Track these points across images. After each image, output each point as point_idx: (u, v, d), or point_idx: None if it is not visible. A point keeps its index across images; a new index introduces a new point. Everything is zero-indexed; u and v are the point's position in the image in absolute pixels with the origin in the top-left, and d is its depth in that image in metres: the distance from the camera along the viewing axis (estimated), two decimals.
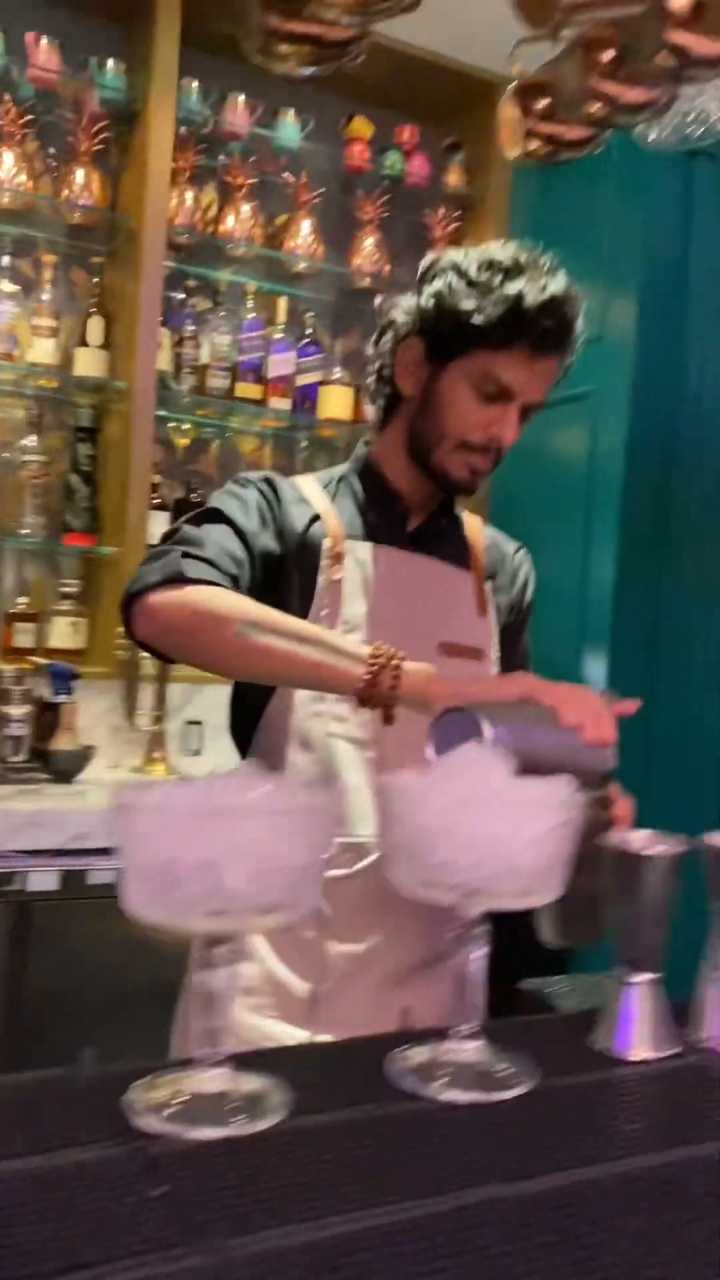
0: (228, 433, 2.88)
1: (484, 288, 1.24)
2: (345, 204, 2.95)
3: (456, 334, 1.25)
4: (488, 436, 1.27)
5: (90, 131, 2.62)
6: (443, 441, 1.29)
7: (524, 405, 1.27)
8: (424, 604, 1.32)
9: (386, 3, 1.20)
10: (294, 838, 0.60)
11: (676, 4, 1.19)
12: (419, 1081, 0.71)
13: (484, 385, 1.25)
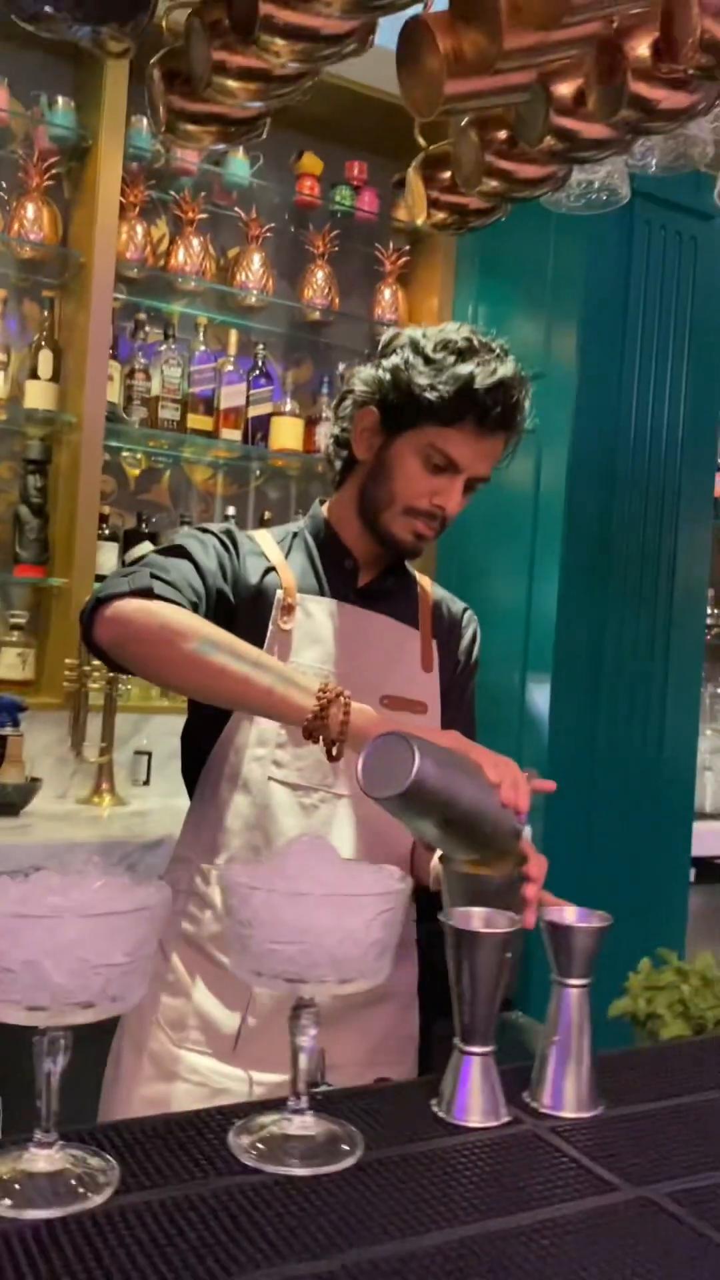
0: (180, 463, 2.93)
1: (438, 366, 1.33)
2: (296, 238, 3.01)
3: (409, 407, 1.34)
4: (432, 505, 1.35)
5: (41, 168, 2.67)
6: (390, 505, 1.37)
7: (469, 478, 1.36)
8: (369, 657, 1.39)
9: (284, 89, 1.26)
10: (114, 938, 0.65)
11: (560, 91, 1.25)
12: (255, 1156, 0.76)
13: (432, 457, 1.34)
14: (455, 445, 1.34)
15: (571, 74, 1.24)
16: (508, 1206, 0.73)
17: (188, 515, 2.88)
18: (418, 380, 1.33)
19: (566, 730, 2.68)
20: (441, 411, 1.33)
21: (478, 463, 1.36)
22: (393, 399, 1.36)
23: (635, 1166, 0.79)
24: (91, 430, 2.62)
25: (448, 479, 1.35)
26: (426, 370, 1.34)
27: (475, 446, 1.35)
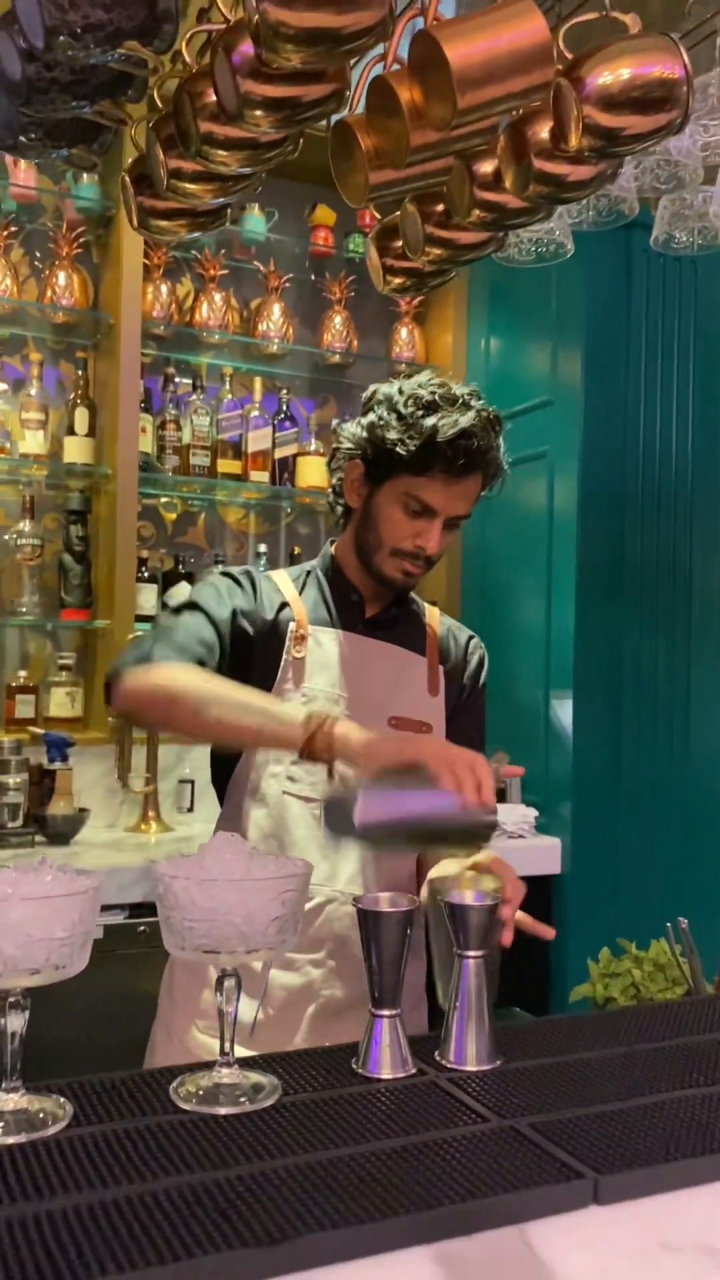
0: (214, 505, 3.15)
1: (407, 421, 1.47)
2: (314, 286, 3.22)
3: (386, 460, 1.49)
4: (414, 546, 1.50)
5: (70, 237, 2.93)
6: (379, 549, 1.52)
7: (448, 518, 1.50)
8: (377, 682, 1.54)
9: (238, 186, 1.46)
10: (54, 917, 0.84)
11: (481, 170, 1.43)
12: (188, 1100, 0.93)
13: (410, 504, 1.48)
14: (429, 492, 1.48)
15: (489, 155, 1.42)
16: (392, 1133, 0.89)
17: (222, 555, 3.10)
18: (390, 435, 1.47)
19: (591, 744, 2.81)
20: (413, 463, 1.46)
21: (452, 505, 1.49)
22: (371, 453, 1.51)
23: (509, 1105, 0.94)
24: (126, 480, 2.86)
25: (426, 522, 1.49)
26: (398, 426, 1.47)
27: (448, 491, 1.48)
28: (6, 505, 2.92)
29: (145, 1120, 0.91)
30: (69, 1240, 0.72)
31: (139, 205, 1.51)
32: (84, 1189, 0.79)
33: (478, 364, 3.20)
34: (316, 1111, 0.93)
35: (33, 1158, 0.84)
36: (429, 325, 3.31)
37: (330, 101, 1.24)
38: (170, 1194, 0.78)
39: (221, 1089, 0.95)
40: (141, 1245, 0.72)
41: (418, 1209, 0.78)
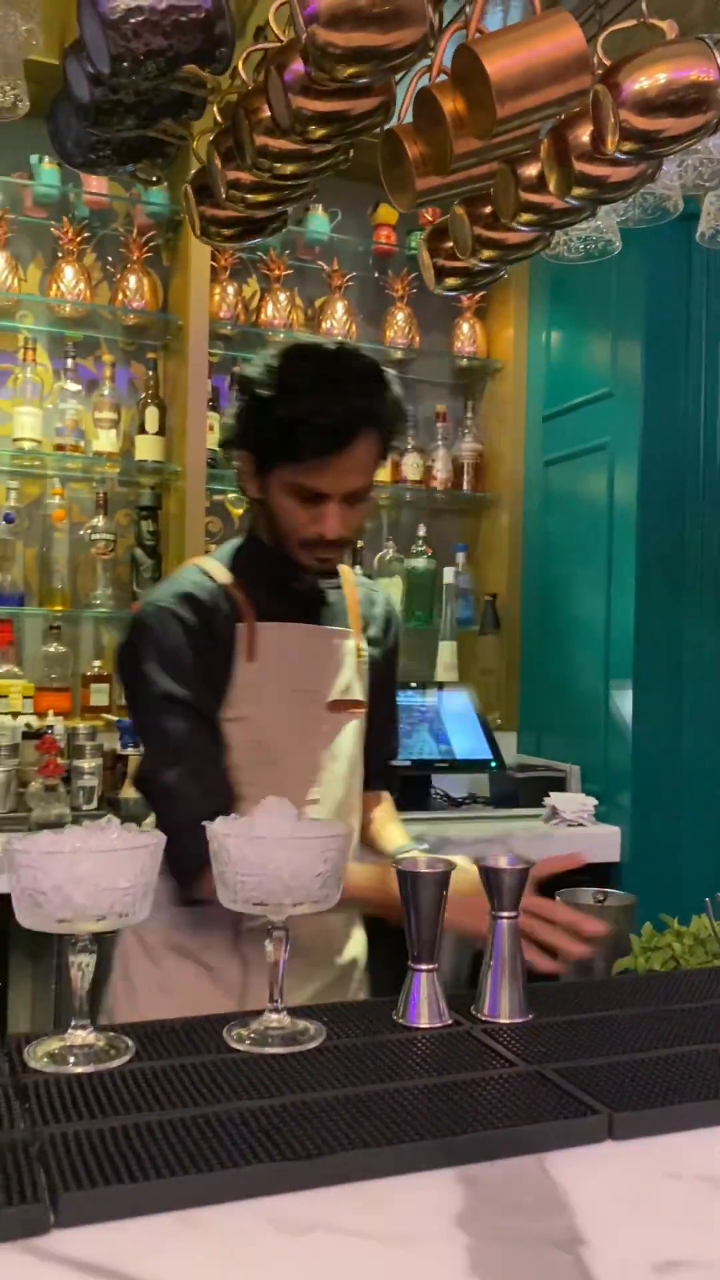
0: None
1: (261, 410, 1.38)
2: (376, 284, 3.30)
3: (261, 451, 1.40)
4: (315, 534, 1.42)
5: (140, 242, 3.05)
6: (286, 542, 1.45)
7: (345, 496, 1.40)
8: (314, 670, 1.53)
9: (295, 193, 1.55)
10: (119, 868, 0.94)
11: (526, 173, 1.50)
12: (241, 1042, 1.03)
13: (298, 492, 1.40)
14: (311, 477, 1.38)
15: (533, 158, 1.48)
16: (425, 1074, 0.97)
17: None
18: (249, 428, 1.40)
19: (650, 734, 2.85)
20: (284, 452, 1.37)
21: (342, 482, 1.39)
22: (244, 444, 1.43)
23: (536, 1052, 1.02)
24: (195, 477, 2.97)
25: (320, 507, 1.40)
26: (255, 415, 1.39)
27: (332, 471, 1.37)
28: (81, 502, 3.06)
29: (200, 1058, 1.00)
30: (129, 1150, 0.81)
31: (201, 215, 1.61)
32: (144, 1110, 0.89)
33: (539, 357, 3.25)
34: (357, 1054, 1.02)
35: (99, 1085, 0.94)
36: (490, 320, 3.38)
37: (377, 114, 1.32)
38: (221, 1117, 0.88)
39: (270, 1032, 1.03)
40: (193, 1156, 0.81)
41: (445, 1135, 0.86)
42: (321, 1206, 0.79)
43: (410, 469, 3.23)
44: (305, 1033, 1.04)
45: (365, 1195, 0.81)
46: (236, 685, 1.47)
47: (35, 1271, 0.71)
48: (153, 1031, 1.06)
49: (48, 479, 2.98)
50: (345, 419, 1.36)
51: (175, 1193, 0.77)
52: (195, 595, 1.46)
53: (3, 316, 2.96)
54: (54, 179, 2.96)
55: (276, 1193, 0.80)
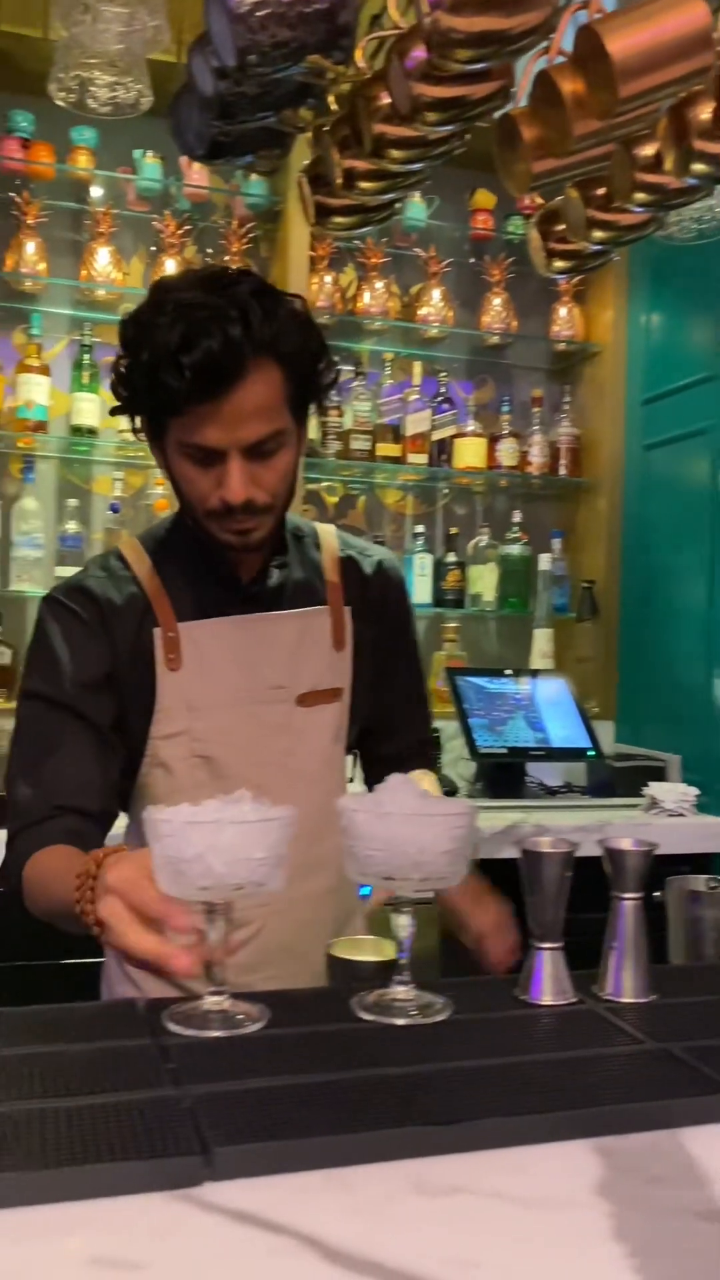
0: (373, 488, 3.28)
1: (127, 357, 1.20)
2: (473, 269, 3.30)
3: (143, 411, 1.23)
4: (220, 501, 1.22)
5: (239, 233, 3.10)
6: (196, 514, 1.26)
7: (245, 450, 1.19)
8: (272, 663, 1.34)
9: (408, 180, 1.56)
10: (256, 839, 0.97)
11: (642, 153, 1.49)
12: (369, 1011, 1.05)
13: (191, 453, 1.20)
14: (197, 430, 1.18)
15: (650, 138, 1.47)
16: (552, 1048, 0.99)
17: (381, 536, 3.23)
18: (126, 384, 1.23)
19: None
20: (161, 405, 1.18)
21: (236, 432, 1.18)
22: (130, 404, 1.25)
23: (663, 1032, 1.02)
24: None
25: (220, 467, 1.20)
26: (127, 369, 1.21)
27: (219, 419, 1.17)
28: None
29: (330, 1026, 1.03)
30: (275, 1110, 0.84)
31: (316, 203, 1.63)
32: (284, 1074, 0.92)
33: (638, 341, 3.22)
34: (483, 1027, 1.04)
35: (238, 1048, 0.97)
36: (589, 303, 3.35)
37: (496, 98, 1.34)
38: (355, 1082, 0.90)
39: (397, 1003, 1.06)
40: (336, 1117, 0.84)
41: (578, 1107, 0.87)
42: (461, 1170, 0.81)
43: (506, 454, 3.23)
44: (432, 1006, 1.06)
45: (504, 1161, 0.83)
46: (162, 697, 1.31)
47: (193, 1219, 0.74)
48: (280, 1000, 1.09)
49: (150, 470, 3.05)
50: (218, 352, 1.13)
51: (323, 1152, 0.80)
52: (93, 590, 1.32)
53: (106, 310, 3.03)
54: (156, 173, 3.01)
55: (418, 1156, 0.82)
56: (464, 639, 3.22)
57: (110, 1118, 0.82)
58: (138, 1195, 0.76)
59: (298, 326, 1.24)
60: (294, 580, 1.40)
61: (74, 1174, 0.75)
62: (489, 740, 2.85)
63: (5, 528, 2.88)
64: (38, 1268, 0.69)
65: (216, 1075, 0.91)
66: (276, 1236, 0.72)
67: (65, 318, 3.02)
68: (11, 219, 2.89)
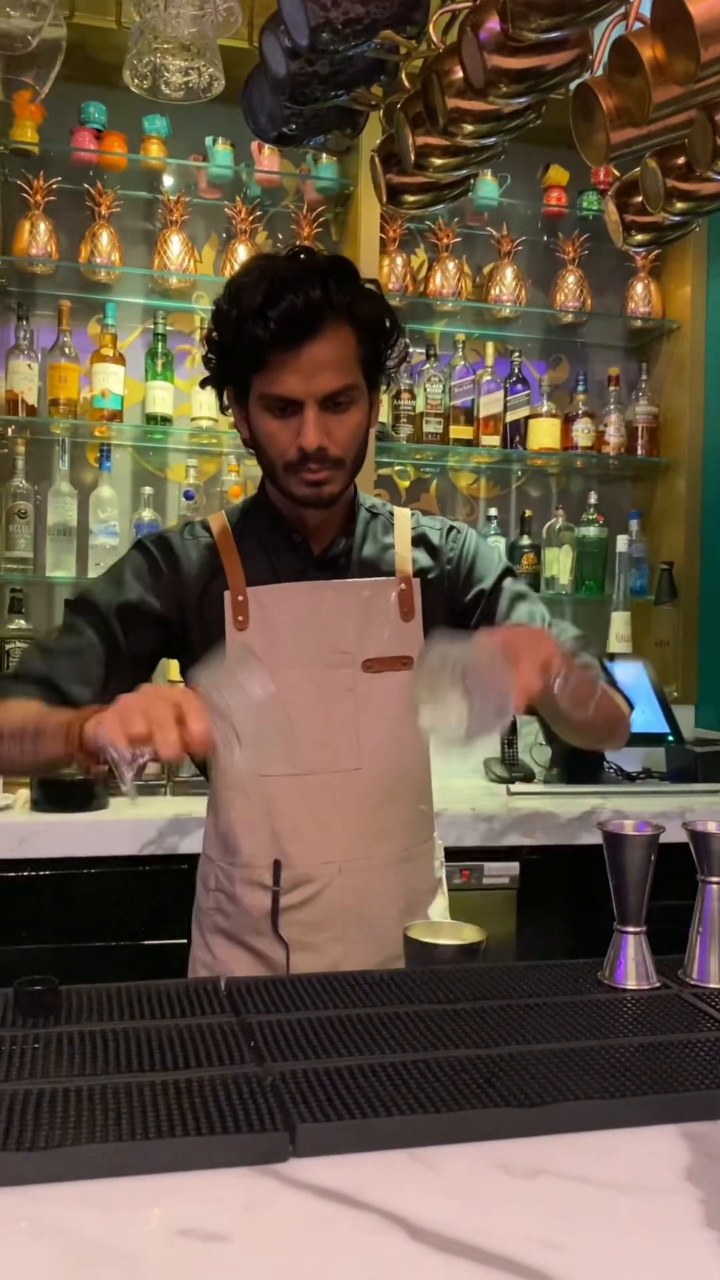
0: (446, 471, 3.26)
1: (218, 317, 1.34)
2: (546, 247, 3.26)
3: (229, 370, 1.36)
4: (298, 451, 1.32)
5: (310, 217, 3.09)
6: (275, 472, 1.37)
7: (321, 401, 1.31)
8: (340, 628, 1.40)
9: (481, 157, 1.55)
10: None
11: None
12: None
13: (270, 406, 1.32)
14: (277, 381, 1.30)
15: None
16: (638, 1032, 0.97)
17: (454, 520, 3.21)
18: (217, 351, 1.36)
19: None
20: (245, 359, 1.31)
21: (311, 383, 1.30)
22: (219, 368, 1.38)
23: None
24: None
25: (296, 418, 1.31)
26: (218, 335, 1.35)
27: (296, 369, 1.29)
28: (254, 479, 3.13)
29: (409, 1007, 1.03)
30: (358, 1089, 0.85)
31: (388, 183, 1.62)
32: (366, 1053, 0.92)
33: (718, 316, 3.15)
34: (566, 1011, 1.03)
35: (319, 1027, 0.98)
36: (666, 279, 3.29)
37: (573, 67, 1.31)
38: (439, 1062, 0.90)
39: None
40: (418, 1097, 0.84)
41: (665, 1091, 0.86)
42: (547, 1152, 0.81)
43: (581, 434, 3.18)
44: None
45: (590, 1144, 0.82)
46: (230, 652, 1.37)
47: (278, 1195, 0.75)
48: (354, 982, 1.09)
49: (223, 456, 3.06)
50: (300, 306, 1.28)
51: (407, 1131, 0.80)
52: (173, 544, 1.43)
53: (180, 298, 3.05)
54: (227, 159, 3.02)
55: (501, 1138, 0.82)
56: None
57: (195, 1093, 0.83)
58: (223, 1170, 0.77)
59: (371, 299, 1.36)
60: (364, 553, 1.46)
61: (160, 1147, 0.76)
62: None
63: (83, 516, 2.92)
64: (125, 1238, 0.70)
65: (298, 1054, 0.92)
66: (361, 1213, 0.73)
67: (139, 307, 3.04)
68: (86, 210, 2.93)
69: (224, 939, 1.42)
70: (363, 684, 1.41)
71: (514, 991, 1.08)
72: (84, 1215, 0.72)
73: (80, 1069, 0.88)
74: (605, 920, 1.10)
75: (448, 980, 1.10)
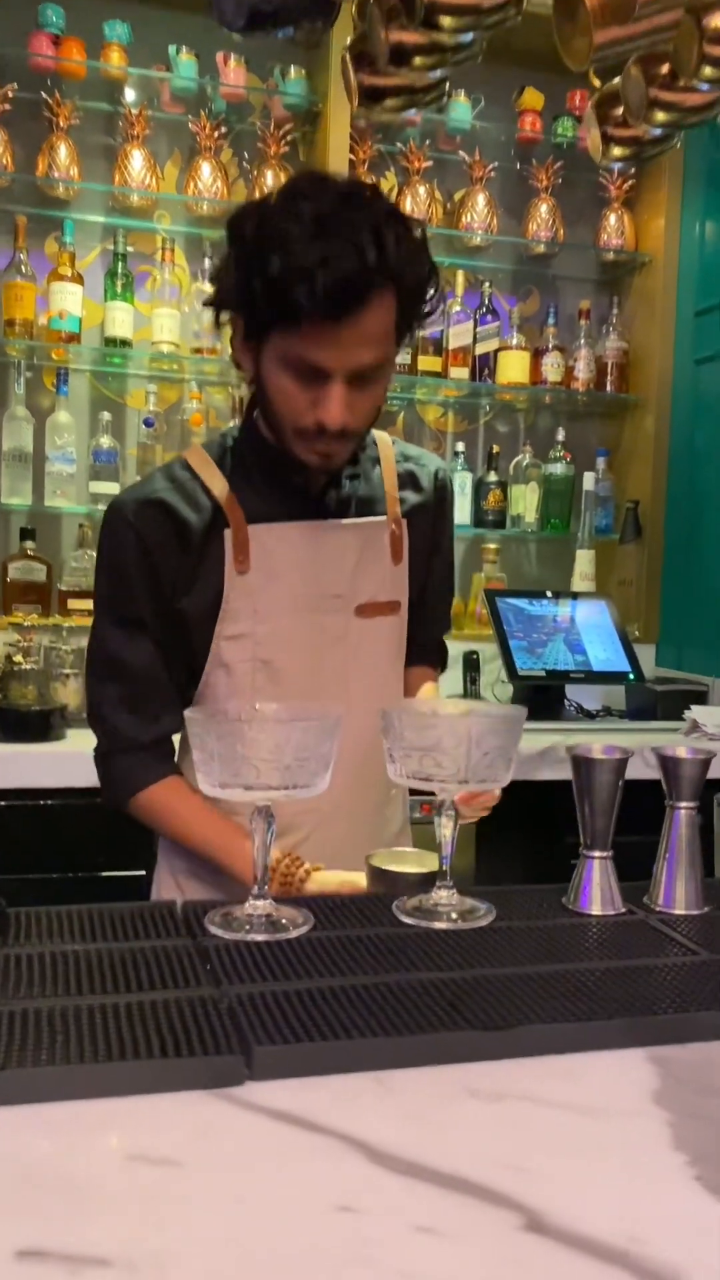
0: (413, 404, 3.19)
1: (253, 258, 1.14)
2: (520, 174, 3.17)
3: (254, 312, 1.16)
4: (315, 421, 1.19)
5: (277, 135, 2.98)
6: (282, 430, 1.23)
7: (351, 375, 1.17)
8: (337, 572, 1.33)
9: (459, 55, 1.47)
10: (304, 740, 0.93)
11: (711, 25, 1.39)
12: (410, 915, 1.02)
13: (296, 366, 1.16)
14: (310, 348, 1.14)
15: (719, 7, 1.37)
16: (604, 957, 0.95)
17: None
18: (239, 284, 1.16)
19: None
20: (279, 313, 1.13)
21: (348, 357, 1.15)
22: (238, 303, 1.19)
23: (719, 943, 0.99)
24: None
25: (321, 388, 1.17)
26: (246, 264, 1.14)
27: (335, 340, 1.13)
28: (217, 408, 3.05)
29: (372, 930, 1.00)
30: (317, 1012, 0.81)
31: (360, 84, 1.54)
32: (326, 975, 0.89)
33: (691, 249, 3.09)
34: (531, 935, 1.00)
35: (278, 949, 0.94)
36: (639, 210, 3.21)
37: None
38: (404, 985, 0.87)
39: (440, 907, 1.03)
40: (380, 1020, 0.80)
41: (633, 1014, 0.83)
42: (513, 1076, 0.78)
43: (550, 369, 3.12)
44: (475, 911, 1.03)
45: (556, 1068, 0.79)
46: (229, 599, 1.30)
47: (233, 1119, 0.71)
48: (320, 905, 1.06)
49: (185, 383, 2.98)
50: (353, 275, 1.10)
51: (368, 1053, 0.77)
52: (166, 502, 1.29)
53: (141, 217, 2.93)
54: (192, 71, 2.89)
55: (466, 1060, 0.79)
56: (504, 561, 3.15)
57: (149, 1016, 0.80)
58: (177, 1093, 0.73)
59: (421, 257, 1.21)
60: (358, 493, 1.39)
61: (113, 1070, 0.73)
62: (528, 663, 2.81)
63: (39, 442, 2.83)
64: (74, 1163, 0.66)
65: (256, 976, 0.88)
66: (319, 1137, 0.70)
67: (98, 225, 2.93)
68: (44, 121, 2.80)
69: (198, 882, 1.39)
70: (355, 630, 1.37)
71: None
72: (32, 1140, 0.68)
73: (29, 991, 0.84)
74: (563, 855, 1.08)
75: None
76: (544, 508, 3.15)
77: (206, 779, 0.95)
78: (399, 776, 1.01)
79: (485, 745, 0.96)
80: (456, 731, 0.96)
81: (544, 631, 2.90)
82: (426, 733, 0.97)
